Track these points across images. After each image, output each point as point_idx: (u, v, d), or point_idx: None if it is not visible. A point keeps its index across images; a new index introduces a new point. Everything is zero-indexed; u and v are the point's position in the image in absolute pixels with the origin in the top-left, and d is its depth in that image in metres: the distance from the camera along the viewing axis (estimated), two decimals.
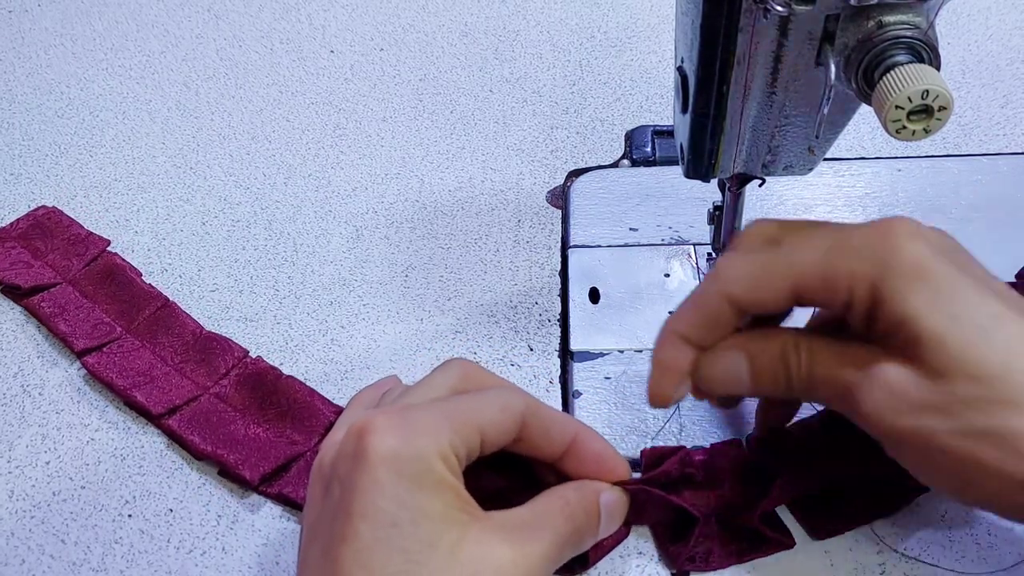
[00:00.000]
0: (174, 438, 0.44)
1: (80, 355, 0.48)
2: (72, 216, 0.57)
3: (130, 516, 0.42)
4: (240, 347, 0.48)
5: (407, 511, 0.30)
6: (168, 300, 0.51)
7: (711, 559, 0.37)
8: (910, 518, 0.39)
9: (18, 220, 0.56)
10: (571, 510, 0.34)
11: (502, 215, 0.55)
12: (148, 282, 0.52)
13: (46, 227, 0.55)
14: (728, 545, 0.38)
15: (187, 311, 0.51)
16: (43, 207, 0.57)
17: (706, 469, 0.39)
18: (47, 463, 0.44)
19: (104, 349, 0.48)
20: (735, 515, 0.38)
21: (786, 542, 0.38)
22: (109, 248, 0.54)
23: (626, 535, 0.39)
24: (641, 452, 0.41)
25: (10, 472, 0.44)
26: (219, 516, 0.41)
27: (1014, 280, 0.47)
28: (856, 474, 0.39)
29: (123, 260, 0.53)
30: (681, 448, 0.40)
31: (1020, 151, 0.56)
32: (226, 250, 0.55)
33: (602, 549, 0.38)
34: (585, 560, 0.37)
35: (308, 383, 0.46)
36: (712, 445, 0.39)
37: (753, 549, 0.38)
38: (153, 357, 0.47)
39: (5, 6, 0.79)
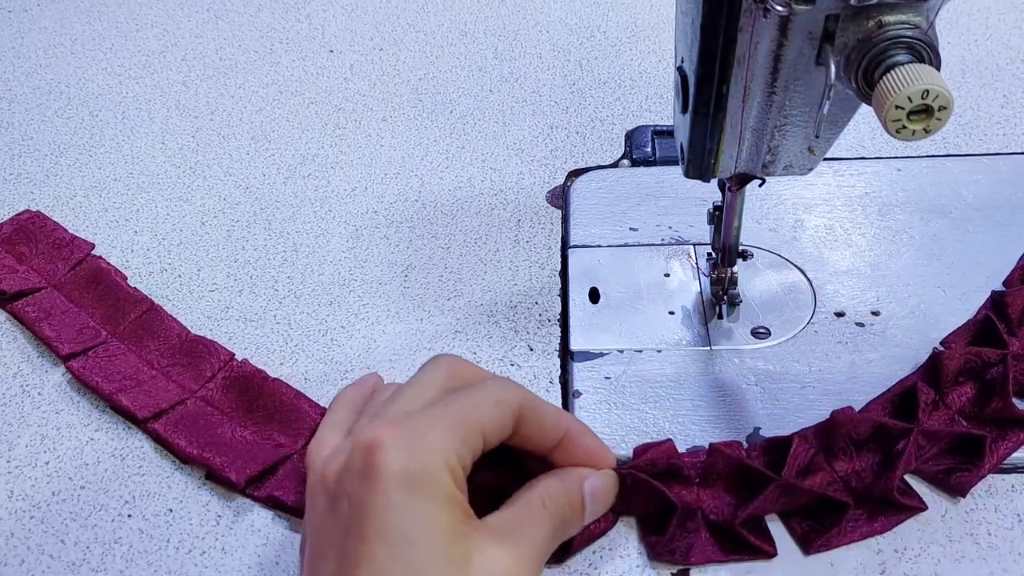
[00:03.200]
0: (160, 442, 0.44)
1: (65, 360, 0.47)
2: (72, 215, 0.57)
3: (129, 516, 0.41)
4: (226, 350, 0.48)
5: (420, 528, 0.30)
6: (153, 304, 0.50)
7: (691, 554, 0.37)
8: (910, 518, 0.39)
9: (1, 225, 0.56)
10: (554, 504, 0.34)
11: (502, 215, 0.55)
12: (134, 286, 0.52)
13: (29, 231, 0.55)
14: (710, 543, 0.38)
15: (186, 311, 0.51)
16: (27, 211, 0.57)
17: (703, 468, 0.39)
18: (46, 463, 0.44)
19: (89, 353, 0.47)
20: (722, 516, 0.38)
21: (767, 550, 0.37)
22: (94, 252, 0.54)
23: (613, 524, 0.39)
24: (633, 450, 0.41)
25: (10, 472, 0.44)
26: (219, 516, 0.41)
27: (1002, 288, 0.47)
28: (852, 490, 0.39)
29: (108, 264, 0.53)
30: (667, 441, 0.40)
31: (1020, 151, 0.56)
32: (225, 250, 0.55)
33: (587, 536, 0.38)
34: (569, 546, 0.38)
35: (308, 383, 0.46)
36: (711, 445, 0.39)
37: (735, 551, 0.38)
38: (139, 361, 0.47)
39: (5, 6, 0.79)
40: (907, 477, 0.39)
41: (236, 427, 0.44)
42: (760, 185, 0.41)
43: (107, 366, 0.47)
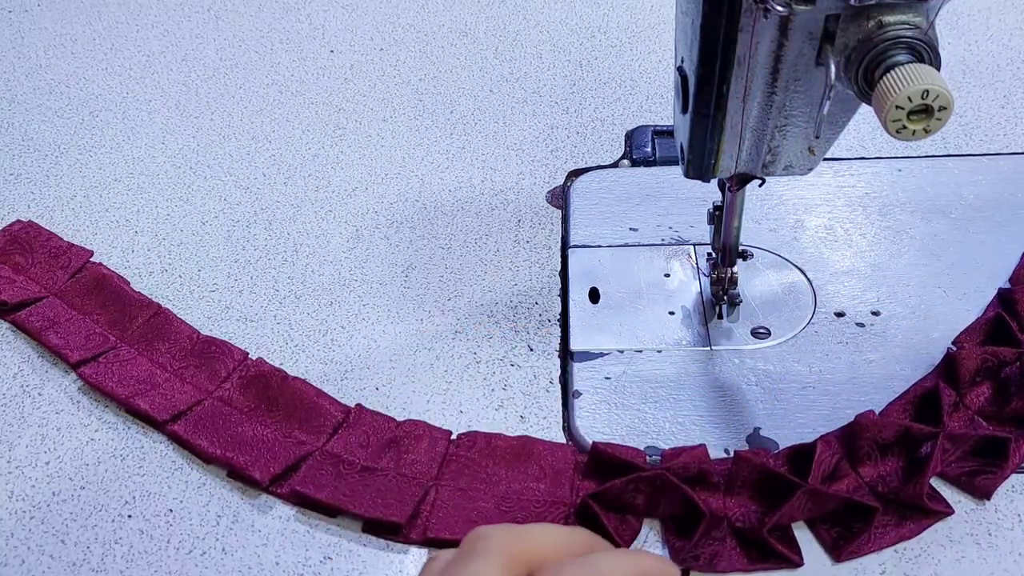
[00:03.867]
0: (181, 443, 0.44)
1: (76, 367, 0.47)
2: (72, 215, 0.57)
3: (130, 516, 0.42)
4: (240, 350, 0.48)
5: None
6: (160, 307, 0.50)
7: (716, 561, 0.37)
8: None
9: None
10: None
11: (502, 215, 0.55)
12: (137, 290, 0.52)
13: (24, 241, 0.55)
14: (736, 552, 0.38)
15: (187, 311, 0.51)
16: (18, 222, 0.56)
17: (728, 475, 0.39)
18: (47, 463, 0.44)
19: (100, 360, 0.47)
20: (748, 524, 0.38)
21: (793, 559, 0.37)
22: (93, 258, 0.54)
23: (639, 530, 0.39)
24: (662, 453, 0.41)
25: (10, 472, 0.44)
26: (219, 516, 0.41)
27: (1008, 285, 0.47)
28: (879, 495, 0.38)
29: (109, 270, 0.53)
30: (700, 446, 0.40)
31: (1020, 151, 0.56)
32: (226, 250, 0.55)
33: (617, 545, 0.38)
34: None
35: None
36: (736, 452, 0.39)
37: (761, 560, 0.37)
38: (151, 365, 0.47)
39: (5, 6, 0.79)
40: (931, 480, 0.39)
41: (256, 426, 0.44)
42: (760, 185, 0.41)
43: (119, 371, 0.47)
